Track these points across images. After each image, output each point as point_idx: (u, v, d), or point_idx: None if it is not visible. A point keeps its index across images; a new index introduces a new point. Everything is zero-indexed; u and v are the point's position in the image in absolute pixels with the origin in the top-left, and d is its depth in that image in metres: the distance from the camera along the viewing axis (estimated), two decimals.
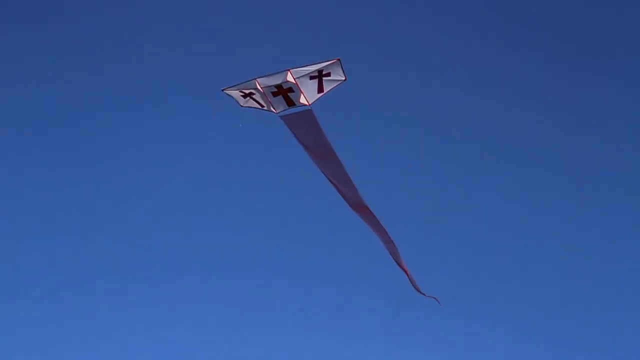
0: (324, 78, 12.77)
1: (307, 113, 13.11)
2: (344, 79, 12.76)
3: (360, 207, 14.03)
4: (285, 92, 12.98)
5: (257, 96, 13.26)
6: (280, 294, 24.61)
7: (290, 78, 12.77)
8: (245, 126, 13.93)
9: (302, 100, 12.95)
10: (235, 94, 13.36)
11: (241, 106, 13.51)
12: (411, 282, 14.81)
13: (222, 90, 13.42)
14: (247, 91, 13.26)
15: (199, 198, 25.90)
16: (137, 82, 26.88)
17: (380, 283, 23.01)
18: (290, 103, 13.08)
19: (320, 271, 25.29)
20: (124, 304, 24.51)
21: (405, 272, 14.70)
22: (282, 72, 12.82)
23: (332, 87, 12.84)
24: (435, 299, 14.88)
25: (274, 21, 26.84)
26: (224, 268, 25.29)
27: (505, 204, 26.16)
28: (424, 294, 14.90)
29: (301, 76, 12.76)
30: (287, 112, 13.25)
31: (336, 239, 24.92)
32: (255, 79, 13.01)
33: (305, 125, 13.27)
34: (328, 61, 12.64)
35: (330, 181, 13.93)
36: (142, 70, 27.02)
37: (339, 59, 12.63)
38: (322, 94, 12.88)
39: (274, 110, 13.29)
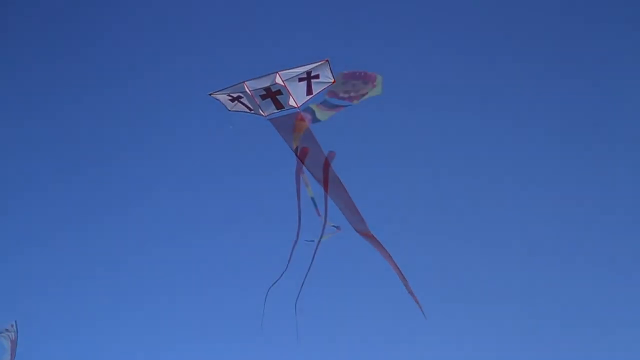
0: (312, 80, 12.70)
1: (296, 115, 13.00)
2: (332, 81, 12.71)
3: (362, 231, 13.87)
4: (274, 95, 12.89)
5: (245, 100, 13.13)
6: (280, 295, 24.44)
7: (279, 80, 12.69)
8: (236, 127, 13.70)
9: (291, 102, 12.86)
10: (223, 98, 13.23)
11: (229, 110, 13.37)
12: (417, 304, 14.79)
13: (210, 94, 13.28)
14: (235, 95, 13.13)
15: (197, 200, 25.82)
16: (126, 85, 26.80)
17: (381, 284, 22.82)
18: (279, 106, 12.99)
19: (320, 272, 25.10)
20: (125, 307, 24.47)
21: (413, 296, 14.62)
22: (270, 74, 12.74)
23: (321, 89, 12.76)
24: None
25: (262, 24, 26.68)
26: (224, 270, 25.21)
27: (504, 209, 25.91)
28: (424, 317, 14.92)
29: (290, 78, 12.66)
30: (275, 115, 13.12)
31: (336, 239, 24.70)
32: (243, 82, 12.89)
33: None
34: (316, 62, 12.57)
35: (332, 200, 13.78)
36: (132, 78, 26.96)
37: (327, 60, 12.58)
38: (311, 96, 12.82)
39: (262, 113, 13.16)
